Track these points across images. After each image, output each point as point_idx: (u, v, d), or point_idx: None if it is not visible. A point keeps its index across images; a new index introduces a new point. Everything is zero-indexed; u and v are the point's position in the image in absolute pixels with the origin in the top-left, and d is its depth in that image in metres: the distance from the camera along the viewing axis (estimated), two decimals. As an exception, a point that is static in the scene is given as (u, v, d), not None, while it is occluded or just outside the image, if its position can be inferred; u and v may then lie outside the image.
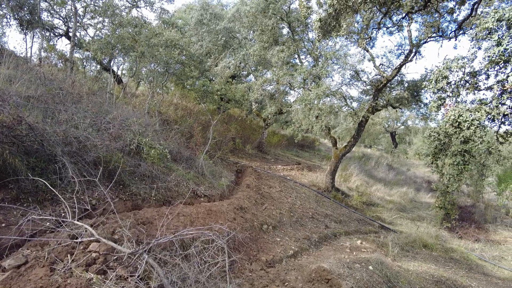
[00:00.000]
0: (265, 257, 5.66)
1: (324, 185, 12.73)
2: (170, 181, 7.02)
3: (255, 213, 7.42)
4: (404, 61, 11.36)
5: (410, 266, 6.74)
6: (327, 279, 4.55)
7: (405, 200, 15.13)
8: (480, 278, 7.06)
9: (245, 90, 13.47)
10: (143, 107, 10.59)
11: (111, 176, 5.50)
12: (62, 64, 11.99)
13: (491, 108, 5.96)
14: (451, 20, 10.46)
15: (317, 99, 11.14)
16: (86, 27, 13.38)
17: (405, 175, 21.90)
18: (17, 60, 8.88)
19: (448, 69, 6.36)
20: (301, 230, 7.90)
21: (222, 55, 15.70)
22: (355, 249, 7.30)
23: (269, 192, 9.70)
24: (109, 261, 3.31)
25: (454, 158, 6.81)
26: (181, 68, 12.60)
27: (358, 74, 12.84)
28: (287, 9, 12.61)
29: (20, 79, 6.78)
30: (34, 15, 11.32)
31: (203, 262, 3.69)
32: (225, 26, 15.40)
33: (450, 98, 6.76)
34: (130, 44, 10.43)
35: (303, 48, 13.42)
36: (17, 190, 4.28)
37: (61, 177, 4.76)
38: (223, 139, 12.98)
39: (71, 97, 7.52)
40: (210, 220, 5.58)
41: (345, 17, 8.46)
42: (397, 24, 11.28)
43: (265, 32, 12.40)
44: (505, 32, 5.38)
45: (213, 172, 9.48)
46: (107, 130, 6.30)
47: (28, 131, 4.65)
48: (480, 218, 12.59)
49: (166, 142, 8.58)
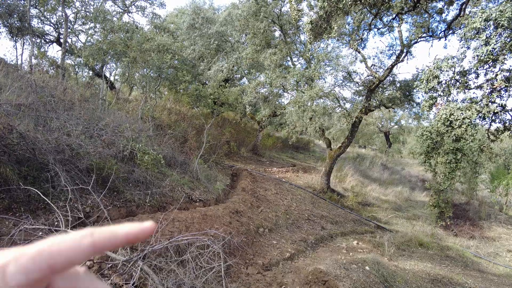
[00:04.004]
0: (261, 260, 5.65)
1: (319, 187, 12.76)
2: (164, 187, 6.98)
3: (251, 216, 7.41)
4: (396, 61, 11.46)
5: (407, 265, 6.77)
6: (324, 280, 4.55)
7: (400, 199, 15.22)
8: (476, 275, 7.12)
9: (239, 93, 13.48)
10: (136, 113, 10.53)
11: (105, 183, 5.45)
12: (53, 71, 11.90)
13: (481, 106, 6.04)
14: (441, 20, 10.61)
15: (311, 100, 11.20)
16: (78, 33, 13.31)
17: (399, 174, 22.04)
18: (8, 67, 8.79)
19: (438, 68, 6.44)
20: (297, 232, 7.91)
21: (215, 59, 15.72)
22: (352, 250, 7.32)
23: (265, 194, 9.70)
24: (103, 269, 3.28)
25: (446, 156, 6.89)
26: (174, 73, 12.59)
27: (351, 75, 12.93)
28: (279, 12, 12.67)
29: (10, 87, 6.71)
30: (24, 22, 11.23)
31: (198, 268, 3.67)
32: (217, 30, 15.42)
33: (441, 97, 6.85)
34: (122, 49, 10.39)
35: (295, 50, 13.48)
36: (8, 199, 4.23)
37: (54, 185, 4.71)
38: (218, 142, 12.95)
39: (63, 104, 7.45)
40: (205, 224, 5.56)
41: (336, 19, 8.53)
42: (387, 25, 11.40)
43: (257, 35, 12.44)
44: (493, 32, 5.47)
45: (208, 176, 9.45)
46: (100, 137, 6.25)
47: (20, 139, 4.60)
48: (474, 215, 12.70)
49: (160, 147, 8.54)
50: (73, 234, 0.33)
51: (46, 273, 0.31)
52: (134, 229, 0.35)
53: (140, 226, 0.35)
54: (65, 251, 0.32)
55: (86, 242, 0.33)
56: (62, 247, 0.32)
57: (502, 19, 5.25)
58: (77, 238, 0.33)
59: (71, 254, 0.32)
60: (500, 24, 5.31)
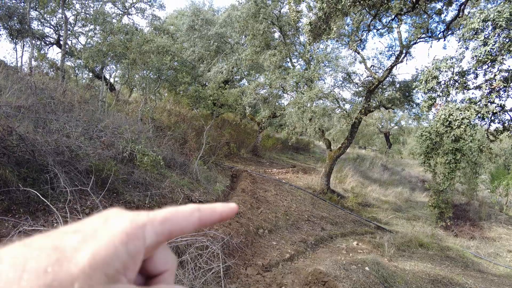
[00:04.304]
0: (261, 261, 5.64)
1: (319, 187, 12.75)
2: (164, 188, 6.98)
3: (250, 217, 7.41)
4: (395, 62, 11.48)
5: (407, 266, 6.76)
6: (323, 281, 4.55)
7: (400, 200, 15.20)
8: (476, 276, 7.11)
9: (238, 95, 13.50)
10: (136, 114, 10.55)
11: (104, 185, 5.46)
12: (53, 73, 11.93)
13: (480, 106, 6.05)
14: (440, 21, 10.64)
15: (310, 101, 11.20)
16: (77, 35, 13.36)
17: (399, 175, 22.02)
18: (8, 69, 8.82)
19: (437, 69, 6.45)
20: (297, 233, 7.90)
21: (214, 60, 15.74)
22: (352, 251, 7.31)
23: (265, 196, 9.70)
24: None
25: (445, 156, 6.89)
26: (174, 74, 12.61)
27: (350, 76, 12.95)
28: (278, 13, 12.70)
29: (10, 89, 6.72)
30: (24, 24, 11.27)
31: (197, 268, 3.67)
32: (216, 32, 15.45)
33: (440, 97, 6.86)
34: (122, 51, 10.42)
35: (295, 51, 13.50)
36: (8, 201, 4.23)
37: (53, 187, 4.71)
38: (217, 144, 12.96)
39: (62, 106, 7.47)
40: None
41: (335, 20, 8.55)
42: (386, 26, 11.42)
43: (257, 36, 12.46)
44: (491, 32, 5.48)
45: (207, 177, 9.45)
46: (100, 139, 6.26)
47: (19, 141, 4.61)
48: (474, 215, 12.69)
49: (160, 149, 8.55)
50: (185, 207, 0.37)
51: (167, 238, 0.35)
52: (226, 207, 0.40)
53: (230, 206, 0.40)
54: (181, 222, 0.36)
55: (195, 215, 0.37)
56: (179, 217, 0.36)
57: (500, 20, 5.27)
58: (189, 211, 0.37)
59: (184, 225, 0.36)
60: (498, 24, 5.32)
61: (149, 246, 0.33)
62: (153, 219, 0.34)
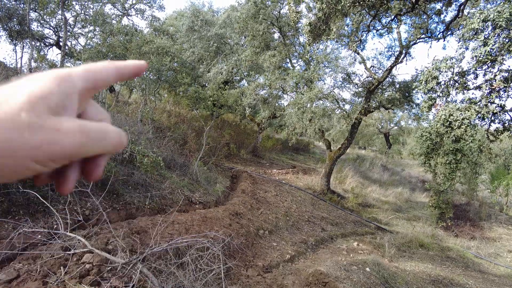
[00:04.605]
0: (261, 262, 5.63)
1: (319, 188, 12.74)
2: (164, 189, 6.98)
3: (251, 218, 7.39)
4: (395, 62, 11.48)
5: (407, 266, 6.75)
6: (324, 282, 4.54)
7: (400, 200, 15.20)
8: (477, 276, 7.10)
9: (238, 95, 13.49)
10: (136, 115, 10.54)
11: (104, 186, 5.45)
12: (53, 74, 11.88)
13: (480, 107, 6.05)
14: (439, 21, 10.64)
15: (310, 102, 11.20)
16: (77, 36, 13.34)
17: (399, 175, 22.02)
18: (7, 71, 8.80)
19: (437, 69, 6.45)
20: (297, 234, 7.89)
21: (214, 61, 15.74)
22: (352, 251, 7.30)
23: (265, 196, 9.69)
24: (103, 272, 3.27)
25: (446, 157, 6.88)
26: (173, 75, 12.60)
27: (350, 77, 12.95)
28: (278, 14, 12.70)
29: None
30: (24, 25, 11.25)
31: (198, 270, 3.66)
32: (216, 32, 15.45)
33: (440, 98, 6.85)
34: (122, 52, 10.41)
35: (295, 52, 13.51)
36: (8, 203, 4.22)
37: (53, 188, 4.70)
38: (217, 144, 12.95)
39: (62, 107, 7.44)
40: (205, 227, 5.55)
41: (335, 20, 8.55)
42: (386, 26, 11.43)
43: (256, 37, 12.46)
44: (491, 32, 5.48)
45: (207, 178, 9.44)
46: (99, 139, 6.24)
47: (19, 142, 4.59)
48: (475, 216, 12.68)
49: (160, 150, 8.54)
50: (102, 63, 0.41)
51: (93, 85, 0.39)
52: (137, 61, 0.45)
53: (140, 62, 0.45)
54: (101, 70, 0.40)
55: (112, 65, 0.42)
56: (99, 67, 0.40)
57: (500, 20, 5.27)
58: (105, 63, 0.41)
59: (105, 74, 0.41)
60: (498, 24, 5.32)
61: (81, 90, 0.37)
62: (75, 69, 0.38)
